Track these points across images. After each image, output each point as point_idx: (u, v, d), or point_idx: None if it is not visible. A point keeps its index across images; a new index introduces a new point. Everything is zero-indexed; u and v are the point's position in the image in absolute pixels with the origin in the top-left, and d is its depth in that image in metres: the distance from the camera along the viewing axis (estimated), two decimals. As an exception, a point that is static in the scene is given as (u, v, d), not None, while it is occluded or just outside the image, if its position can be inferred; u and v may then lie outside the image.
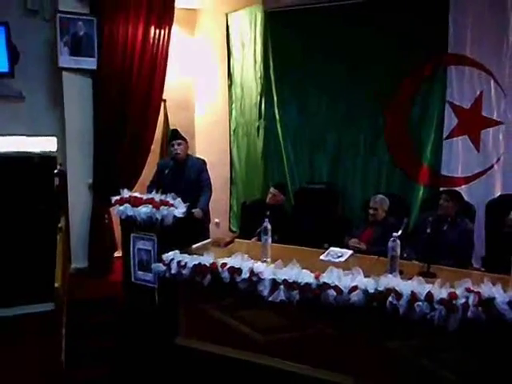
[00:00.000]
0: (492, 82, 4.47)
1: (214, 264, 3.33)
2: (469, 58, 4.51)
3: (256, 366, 3.29)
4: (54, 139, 5.02)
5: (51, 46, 4.87)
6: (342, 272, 3.07)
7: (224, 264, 3.30)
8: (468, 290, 2.72)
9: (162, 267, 3.52)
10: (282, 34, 5.41)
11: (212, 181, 4.57)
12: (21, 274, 4.86)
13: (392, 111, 4.96)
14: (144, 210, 3.79)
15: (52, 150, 5.04)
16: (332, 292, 2.97)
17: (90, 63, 4.92)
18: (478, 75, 4.52)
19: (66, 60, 4.85)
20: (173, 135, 4.66)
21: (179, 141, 4.54)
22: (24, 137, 4.94)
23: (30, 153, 4.97)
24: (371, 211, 4.37)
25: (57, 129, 5.00)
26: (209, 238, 4.25)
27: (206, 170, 4.59)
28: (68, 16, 4.78)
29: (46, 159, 5.00)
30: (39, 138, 4.99)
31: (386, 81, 4.92)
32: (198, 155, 5.17)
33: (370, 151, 5.13)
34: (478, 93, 4.54)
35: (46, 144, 5.02)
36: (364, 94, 5.03)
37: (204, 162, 4.62)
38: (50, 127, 5.01)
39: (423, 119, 4.82)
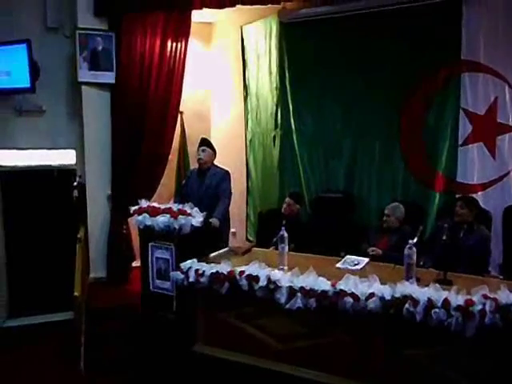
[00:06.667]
0: (506, 87, 4.44)
1: (231, 272, 3.37)
2: (482, 65, 4.49)
3: (273, 374, 3.30)
4: (73, 152, 5.12)
5: (71, 62, 5.00)
6: (358, 279, 3.08)
7: (242, 272, 3.33)
8: (485, 297, 2.72)
9: (180, 275, 3.56)
10: (298, 45, 5.44)
11: (230, 191, 4.59)
12: (41, 284, 4.95)
13: (406, 119, 4.95)
14: (162, 220, 3.86)
15: (71, 163, 5.13)
16: (349, 299, 2.98)
17: (109, 77, 5.03)
18: (492, 81, 4.49)
19: (85, 75, 4.97)
20: (200, 142, 4.69)
21: (203, 147, 4.58)
22: (44, 150, 5.05)
23: (49, 166, 5.07)
24: (384, 218, 4.37)
25: (76, 142, 5.11)
26: (228, 246, 4.28)
27: (228, 181, 4.58)
28: (87, 32, 4.91)
29: (65, 172, 5.09)
30: (59, 150, 5.10)
31: (401, 89, 4.91)
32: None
33: (386, 159, 5.12)
34: (493, 99, 4.50)
35: (66, 157, 5.12)
36: (379, 102, 5.04)
37: (227, 173, 4.62)
38: (70, 140, 5.12)
39: (438, 126, 4.80)
